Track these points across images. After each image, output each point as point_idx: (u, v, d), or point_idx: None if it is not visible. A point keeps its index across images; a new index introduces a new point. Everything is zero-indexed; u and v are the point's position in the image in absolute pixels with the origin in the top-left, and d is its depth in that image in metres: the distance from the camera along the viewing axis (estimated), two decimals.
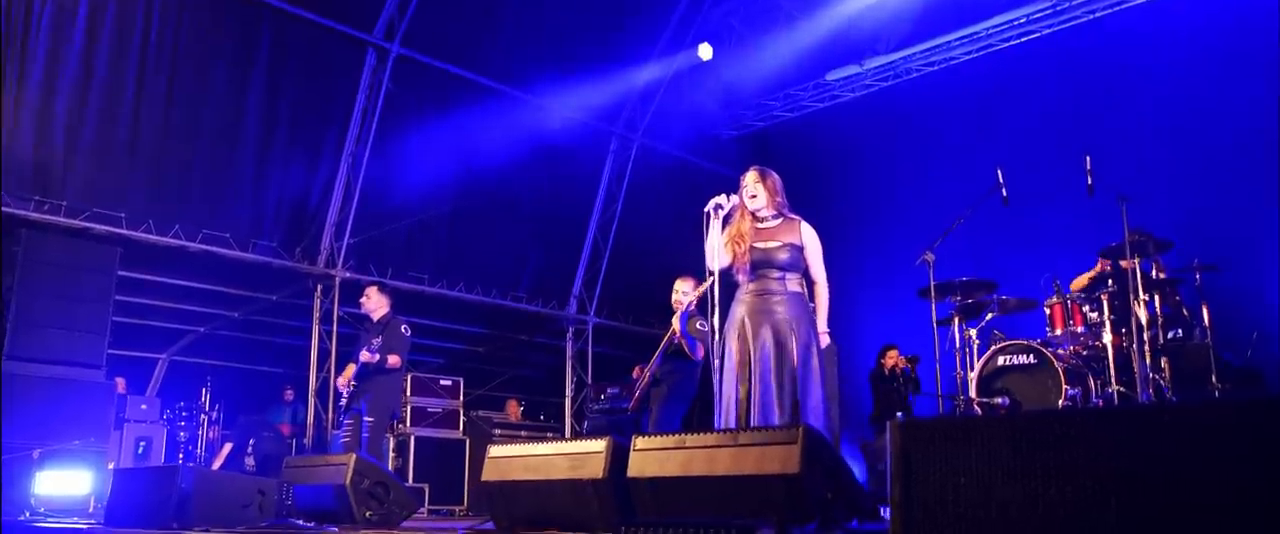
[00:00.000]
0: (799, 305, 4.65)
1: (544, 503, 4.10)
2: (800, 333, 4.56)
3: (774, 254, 4.67)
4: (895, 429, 2.25)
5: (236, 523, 4.40)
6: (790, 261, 4.67)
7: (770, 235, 4.71)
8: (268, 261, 9.26)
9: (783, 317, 4.58)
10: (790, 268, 4.67)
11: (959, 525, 2.13)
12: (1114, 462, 1.98)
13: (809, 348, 4.57)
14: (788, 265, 4.66)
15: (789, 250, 4.67)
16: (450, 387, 10.05)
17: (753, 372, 4.58)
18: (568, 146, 11.10)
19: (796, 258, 4.68)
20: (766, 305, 4.63)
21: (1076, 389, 6.16)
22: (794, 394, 4.52)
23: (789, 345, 4.53)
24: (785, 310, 4.59)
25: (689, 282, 6.69)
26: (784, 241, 4.68)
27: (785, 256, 4.66)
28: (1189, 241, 6.66)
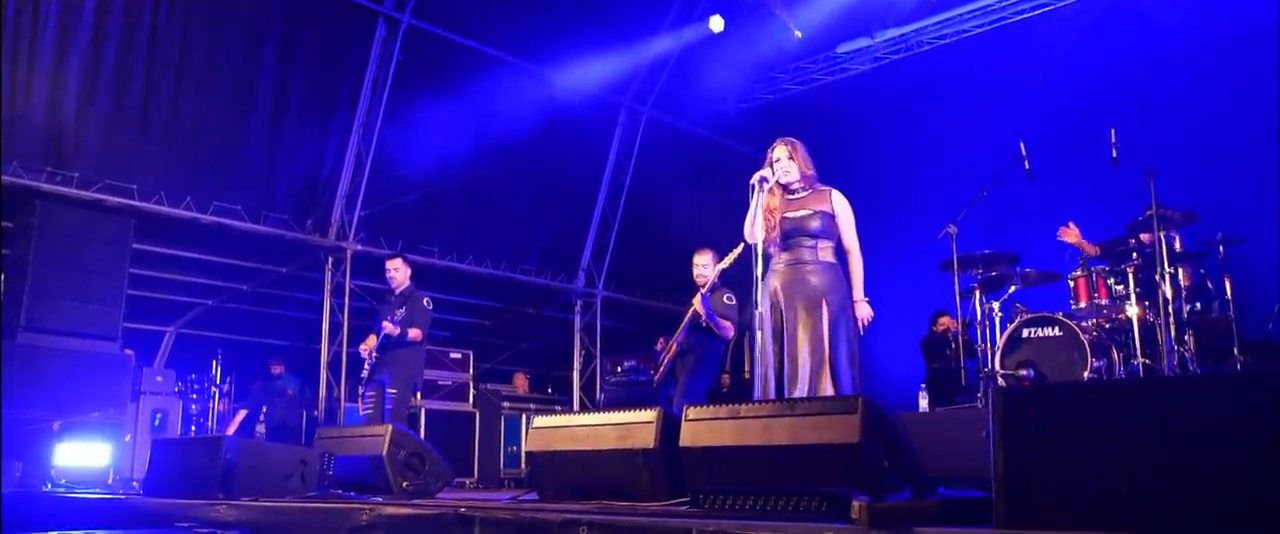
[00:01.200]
0: (832, 274, 4.63)
1: (590, 473, 4.10)
2: (833, 302, 4.54)
3: (805, 223, 4.64)
4: (998, 397, 2.25)
5: (281, 493, 4.39)
6: (822, 230, 4.64)
7: (801, 204, 4.70)
8: (279, 234, 9.21)
9: (816, 285, 4.56)
10: (822, 236, 4.64)
11: (1063, 494, 2.13)
12: (1234, 429, 1.98)
13: (839, 318, 4.55)
14: (819, 233, 4.64)
15: (820, 218, 4.65)
16: (460, 360, 10.07)
17: (785, 344, 4.57)
18: (577, 119, 11.05)
19: (828, 226, 4.66)
20: (799, 275, 4.61)
21: (1101, 361, 6.18)
22: (825, 364, 4.52)
23: (821, 314, 4.52)
24: (818, 279, 4.58)
25: (707, 254, 6.65)
26: (815, 210, 4.66)
27: (817, 225, 4.64)
28: (1211, 214, 6.66)
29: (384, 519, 3.28)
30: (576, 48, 10.57)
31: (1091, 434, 2.17)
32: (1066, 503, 2.18)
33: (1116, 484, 2.14)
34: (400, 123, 9.72)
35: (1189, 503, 2.05)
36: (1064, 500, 2.19)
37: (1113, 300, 6.38)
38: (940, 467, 4.00)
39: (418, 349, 7.14)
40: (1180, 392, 2.35)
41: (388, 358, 6.97)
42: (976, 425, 4.80)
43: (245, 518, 3.71)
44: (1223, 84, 7.99)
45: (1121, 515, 2.10)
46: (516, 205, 10.91)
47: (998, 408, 2.25)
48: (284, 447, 5.14)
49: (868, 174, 9.69)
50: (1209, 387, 2.52)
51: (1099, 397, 2.35)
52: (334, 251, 9.57)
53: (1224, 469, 2.04)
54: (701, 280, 6.55)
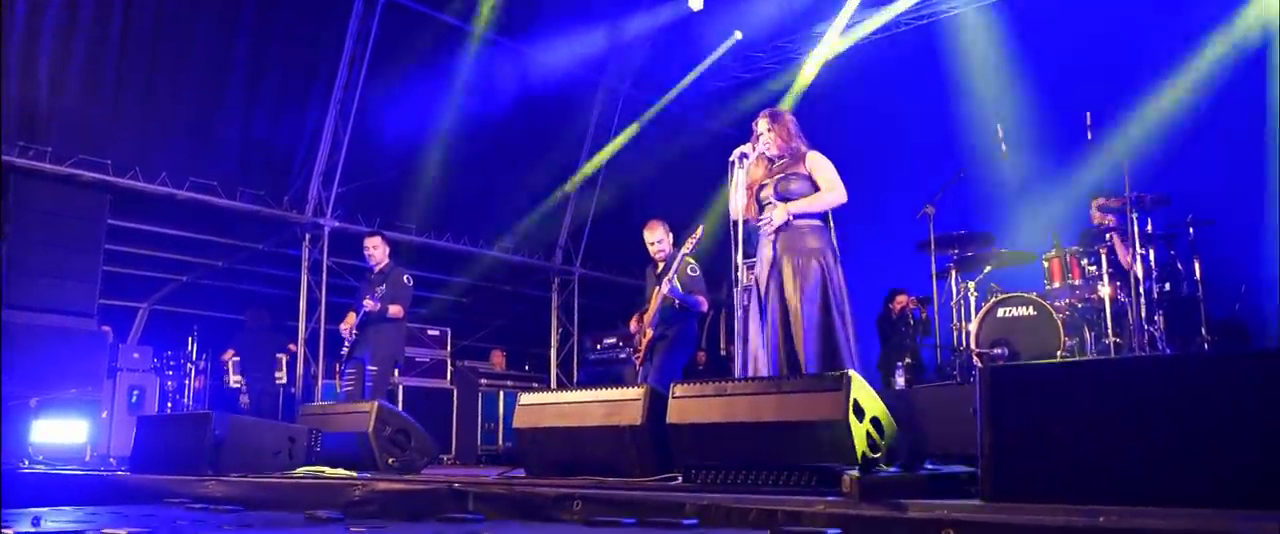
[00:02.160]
0: (816, 238, 4.66)
1: (578, 449, 4.15)
2: (822, 263, 4.56)
3: (784, 187, 4.68)
4: (985, 375, 2.32)
5: (270, 468, 4.41)
6: (800, 192, 4.67)
7: (781, 171, 4.74)
8: (255, 210, 9.16)
9: (802, 250, 4.59)
10: (797, 197, 4.68)
11: (1048, 470, 2.21)
12: (1209, 406, 2.06)
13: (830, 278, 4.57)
14: (794, 195, 4.67)
15: (798, 180, 4.67)
16: (438, 337, 10.09)
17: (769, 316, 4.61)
18: (555, 96, 11.03)
19: (804, 188, 4.67)
20: (783, 242, 4.65)
21: (1074, 340, 6.32)
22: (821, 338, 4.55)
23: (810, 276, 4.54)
24: (802, 243, 4.61)
25: (659, 229, 6.62)
26: (792, 173, 4.70)
27: (795, 187, 4.66)
28: (1183, 197, 6.80)
29: (377, 495, 3.31)
30: (555, 25, 10.53)
31: (1072, 411, 2.25)
32: (1048, 476, 2.27)
33: (1095, 457, 2.22)
34: (377, 99, 9.66)
35: (1163, 474, 2.14)
36: (1046, 473, 2.27)
37: (1085, 280, 6.50)
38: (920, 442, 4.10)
39: (398, 326, 7.15)
40: (1155, 370, 2.44)
41: (368, 335, 6.98)
42: (953, 402, 4.91)
43: (235, 494, 3.73)
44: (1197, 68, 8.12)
45: (1100, 487, 2.18)
46: (494, 182, 10.89)
47: (984, 386, 2.33)
48: (272, 423, 5.16)
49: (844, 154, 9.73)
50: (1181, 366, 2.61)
51: (1079, 375, 2.43)
52: (311, 228, 9.53)
53: (1194, 442, 2.12)
54: (660, 255, 6.54)
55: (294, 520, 2.75)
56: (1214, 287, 6.87)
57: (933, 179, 7.28)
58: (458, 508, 3.14)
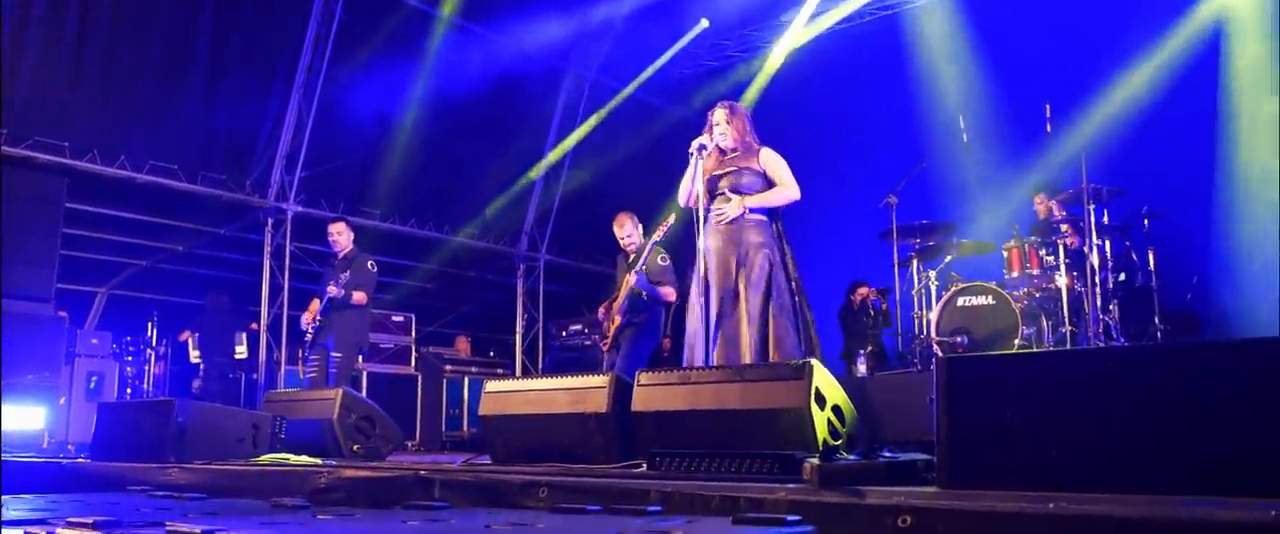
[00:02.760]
0: (761, 232, 4.72)
1: (543, 436, 4.17)
2: (764, 257, 4.63)
3: (733, 180, 4.73)
4: (942, 365, 2.38)
5: (234, 455, 4.39)
6: (748, 186, 4.73)
7: (732, 164, 4.80)
8: (216, 194, 9.06)
9: (746, 243, 4.66)
10: (748, 192, 4.73)
11: (1003, 458, 2.27)
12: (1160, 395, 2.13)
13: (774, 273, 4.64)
14: (746, 190, 4.72)
15: (748, 175, 4.73)
16: (402, 323, 10.05)
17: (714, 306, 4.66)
18: (521, 82, 10.99)
19: (754, 182, 4.73)
20: (727, 235, 4.70)
21: (1031, 329, 6.44)
22: (760, 329, 4.62)
23: (752, 271, 4.61)
24: (747, 237, 4.67)
25: (627, 222, 6.70)
26: (743, 168, 4.75)
27: (747, 182, 4.72)
28: (1139, 188, 6.95)
29: (342, 482, 3.32)
30: (522, 10, 10.48)
31: (1028, 400, 2.31)
32: (1004, 464, 2.33)
33: (1049, 446, 2.29)
34: (342, 84, 9.57)
35: (1114, 462, 2.20)
36: (1002, 461, 2.33)
37: (1043, 270, 6.62)
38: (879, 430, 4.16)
39: (362, 312, 7.13)
40: (1108, 361, 2.51)
41: (332, 321, 6.95)
42: (912, 390, 5.00)
43: (198, 481, 3.72)
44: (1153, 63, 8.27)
45: (1054, 475, 2.25)
46: (460, 168, 10.85)
47: (942, 375, 2.38)
48: (235, 410, 5.13)
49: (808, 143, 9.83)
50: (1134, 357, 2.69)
51: (1034, 366, 2.50)
52: (273, 213, 9.45)
53: (1145, 431, 2.19)
54: (630, 247, 6.60)
55: (259, 508, 2.76)
56: (1167, 277, 7.03)
57: (896, 169, 7.37)
58: (424, 495, 3.15)
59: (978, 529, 2.04)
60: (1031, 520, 1.98)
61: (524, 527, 2.09)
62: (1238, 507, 1.84)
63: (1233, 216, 7.91)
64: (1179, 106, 8.05)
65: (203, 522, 2.05)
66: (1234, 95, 7.88)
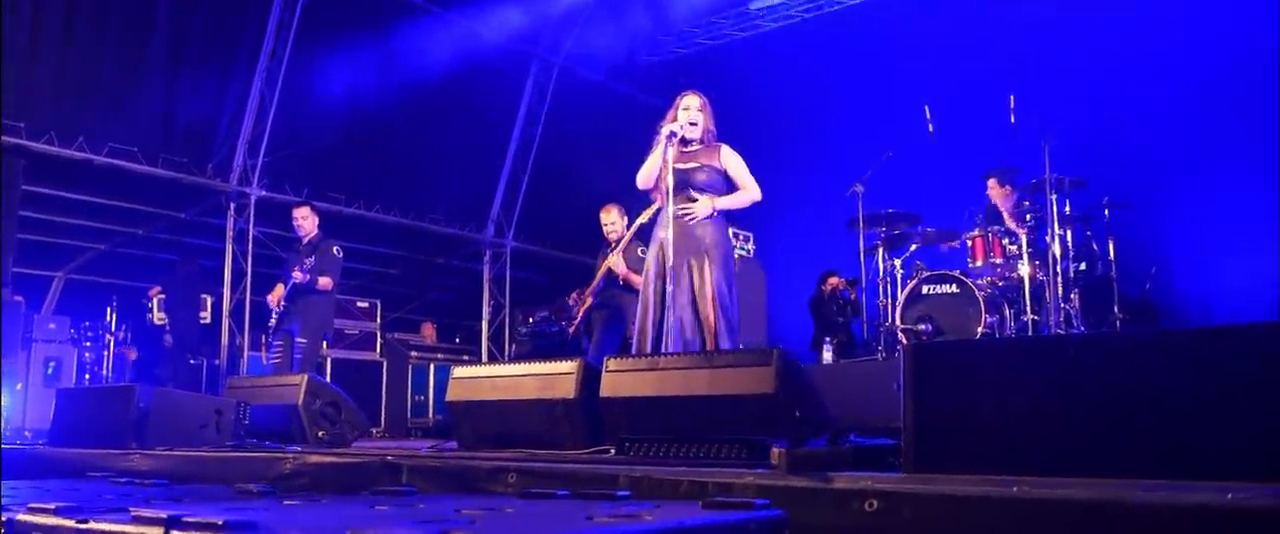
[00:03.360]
0: (717, 229, 4.75)
1: (511, 423, 4.17)
2: (716, 256, 4.66)
3: (693, 176, 4.74)
4: (908, 352, 2.40)
5: (196, 442, 4.34)
6: (708, 183, 4.74)
7: (693, 158, 4.80)
8: (177, 177, 8.92)
9: (700, 239, 4.68)
10: (708, 189, 4.74)
11: (968, 443, 2.31)
12: (1120, 383, 2.17)
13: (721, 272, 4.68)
14: (705, 187, 4.74)
15: (707, 172, 4.74)
16: (367, 309, 9.97)
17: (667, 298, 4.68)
18: (488, 68, 10.92)
19: (714, 179, 4.75)
20: (684, 230, 4.72)
21: (994, 317, 6.52)
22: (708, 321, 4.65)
23: (704, 267, 4.64)
24: (703, 234, 4.69)
25: (613, 211, 6.75)
26: (704, 164, 4.76)
27: (703, 178, 4.73)
28: (1099, 179, 7.05)
29: (308, 467, 3.29)
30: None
31: (991, 386, 2.35)
32: (968, 448, 2.36)
33: (1012, 431, 2.32)
34: (307, 67, 9.46)
35: (1074, 446, 2.24)
36: (966, 446, 2.37)
37: (1006, 259, 6.71)
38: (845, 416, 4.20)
39: (328, 298, 7.07)
40: (1068, 348, 2.56)
41: (297, 307, 6.88)
42: (876, 377, 5.05)
43: (161, 467, 3.67)
44: (1114, 55, 8.38)
45: (1016, 459, 2.28)
46: (426, 154, 10.77)
47: (908, 362, 2.41)
48: (198, 396, 5.07)
49: (775, 132, 9.89)
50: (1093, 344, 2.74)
51: (998, 352, 2.54)
52: (236, 197, 9.33)
53: (1103, 416, 2.24)
54: (613, 236, 6.64)
55: (224, 493, 2.73)
56: (1126, 267, 7.15)
57: (862, 158, 7.43)
58: (391, 481, 3.14)
59: (942, 512, 2.08)
60: (995, 504, 2.02)
61: (494, 511, 2.09)
62: (1194, 490, 1.88)
63: (1189, 208, 8.07)
64: (1141, 98, 8.18)
65: (167, 507, 2.02)
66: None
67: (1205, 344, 2.20)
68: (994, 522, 2.02)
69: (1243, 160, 7.88)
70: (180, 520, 1.74)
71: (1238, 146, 7.90)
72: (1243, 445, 2.06)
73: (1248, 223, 7.69)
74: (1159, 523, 1.83)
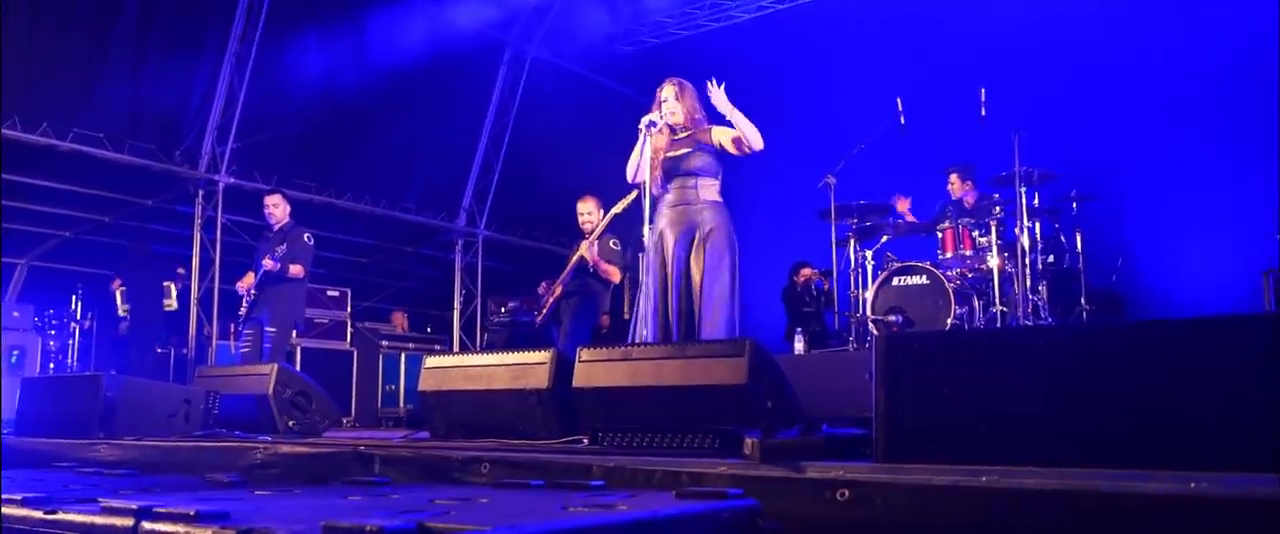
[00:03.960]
0: (717, 212, 4.73)
1: (484, 412, 4.17)
2: (718, 241, 4.65)
3: (688, 162, 4.72)
4: (880, 342, 2.43)
5: (165, 432, 4.30)
6: (703, 168, 4.71)
7: (684, 144, 4.78)
8: (144, 164, 8.81)
9: (700, 225, 4.67)
10: (704, 174, 4.71)
11: (938, 433, 2.34)
12: (1087, 373, 2.20)
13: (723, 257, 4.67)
14: (701, 171, 4.71)
15: (702, 156, 4.70)
16: (337, 298, 9.92)
17: (669, 289, 4.69)
18: (461, 55, 10.83)
19: (709, 163, 4.72)
20: (684, 215, 4.71)
21: (964, 308, 6.59)
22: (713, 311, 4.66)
23: (706, 253, 4.63)
24: (702, 219, 4.68)
25: (591, 202, 6.75)
26: (697, 148, 4.73)
27: (699, 163, 4.70)
28: (1067, 172, 7.14)
29: (280, 458, 3.28)
30: None
31: (962, 376, 2.38)
32: (938, 438, 2.39)
33: (984, 421, 2.35)
34: (277, 53, 9.34)
35: (1042, 436, 2.28)
36: (936, 436, 2.39)
37: (976, 251, 6.78)
38: (816, 406, 4.23)
39: (299, 286, 7.02)
40: (1039, 339, 2.59)
41: (267, 295, 6.83)
42: (848, 367, 5.09)
43: (129, 458, 3.64)
44: (1085, 50, 8.47)
45: (989, 449, 2.31)
46: (398, 142, 10.69)
47: (880, 352, 2.43)
48: (167, 385, 5.02)
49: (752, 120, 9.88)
50: (1061, 335, 2.78)
51: (969, 343, 2.57)
52: (204, 184, 9.22)
53: (1070, 406, 2.27)
54: (588, 227, 6.65)
55: (194, 484, 2.71)
56: (1093, 259, 7.26)
57: (834, 150, 7.47)
58: (363, 471, 3.13)
59: (913, 502, 2.10)
60: (964, 493, 2.05)
61: (468, 502, 2.09)
62: (1161, 478, 1.92)
63: (1155, 201, 8.18)
64: (1110, 92, 8.28)
65: (137, 497, 2.01)
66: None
67: (1170, 336, 2.24)
68: (963, 511, 2.05)
69: (1208, 153, 8.01)
70: (151, 511, 1.73)
71: (1202, 140, 8.03)
72: (1206, 435, 2.10)
73: (1212, 215, 7.82)
74: (1123, 511, 1.87)
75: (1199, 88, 8.06)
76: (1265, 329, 2.14)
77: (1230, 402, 2.09)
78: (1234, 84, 7.91)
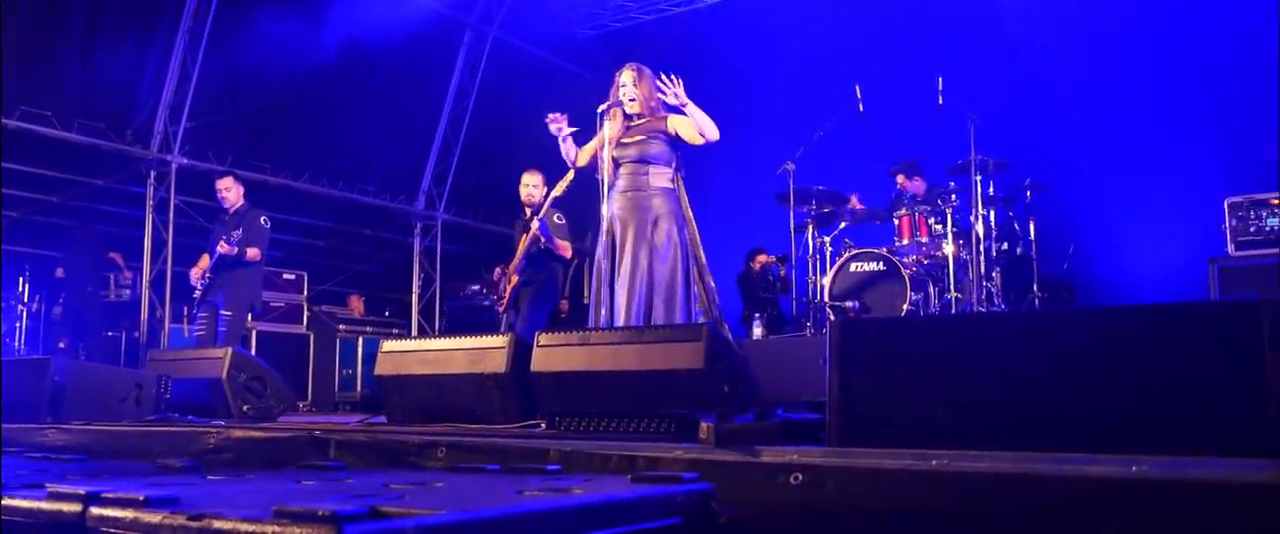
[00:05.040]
0: (668, 200, 4.74)
1: (442, 396, 4.15)
2: (668, 228, 4.66)
3: (641, 148, 4.72)
4: (835, 328, 2.45)
5: (115, 416, 4.24)
6: (656, 155, 4.72)
7: (638, 131, 4.78)
8: (94, 143, 8.63)
9: (651, 211, 4.67)
10: (657, 162, 4.72)
11: (891, 418, 2.37)
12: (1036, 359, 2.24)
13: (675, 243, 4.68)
14: (654, 159, 4.72)
15: (656, 143, 4.70)
16: (294, 281, 9.81)
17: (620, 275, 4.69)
18: (420, 37, 10.72)
19: (662, 151, 4.72)
20: (635, 202, 4.71)
21: (919, 294, 6.67)
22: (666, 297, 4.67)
23: (656, 240, 4.64)
24: (653, 205, 4.68)
25: (538, 175, 6.72)
26: (651, 135, 4.73)
27: (651, 150, 4.71)
28: (1021, 160, 7.24)
29: (233, 442, 3.24)
30: None
31: (914, 363, 2.41)
32: (891, 423, 2.42)
33: (936, 406, 2.39)
34: (232, 31, 9.18)
35: (992, 420, 2.32)
36: (889, 421, 2.43)
37: (932, 238, 6.86)
38: (774, 391, 4.27)
39: (255, 270, 6.94)
40: (991, 325, 2.64)
41: (223, 279, 6.75)
42: (805, 353, 5.14)
43: (79, 443, 3.58)
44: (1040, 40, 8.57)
45: (940, 434, 2.35)
46: (356, 123, 10.55)
47: (834, 338, 2.46)
48: (117, 369, 4.94)
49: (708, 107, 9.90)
50: (1012, 321, 2.82)
51: (922, 329, 2.60)
52: (156, 165, 9.05)
53: (1019, 392, 2.32)
54: (530, 200, 6.62)
55: (145, 469, 2.68)
56: (1046, 246, 7.38)
57: (794, 135, 7.51)
58: (318, 456, 3.11)
59: (864, 485, 2.14)
60: (914, 476, 2.08)
61: (423, 486, 2.09)
62: (1104, 462, 1.96)
63: (1106, 190, 8.33)
64: (1063, 83, 8.40)
65: (85, 483, 1.98)
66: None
67: (1118, 322, 2.29)
68: (914, 494, 2.08)
69: (1158, 144, 8.17)
70: (99, 496, 1.70)
71: (1153, 131, 8.18)
72: (1150, 420, 2.15)
73: (1161, 205, 7.98)
74: (1066, 493, 1.91)
75: (1150, 80, 8.20)
76: (1209, 316, 2.19)
77: (1173, 387, 2.14)
78: (1184, 77, 8.07)
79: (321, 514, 1.41)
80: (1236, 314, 2.12)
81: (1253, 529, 1.77)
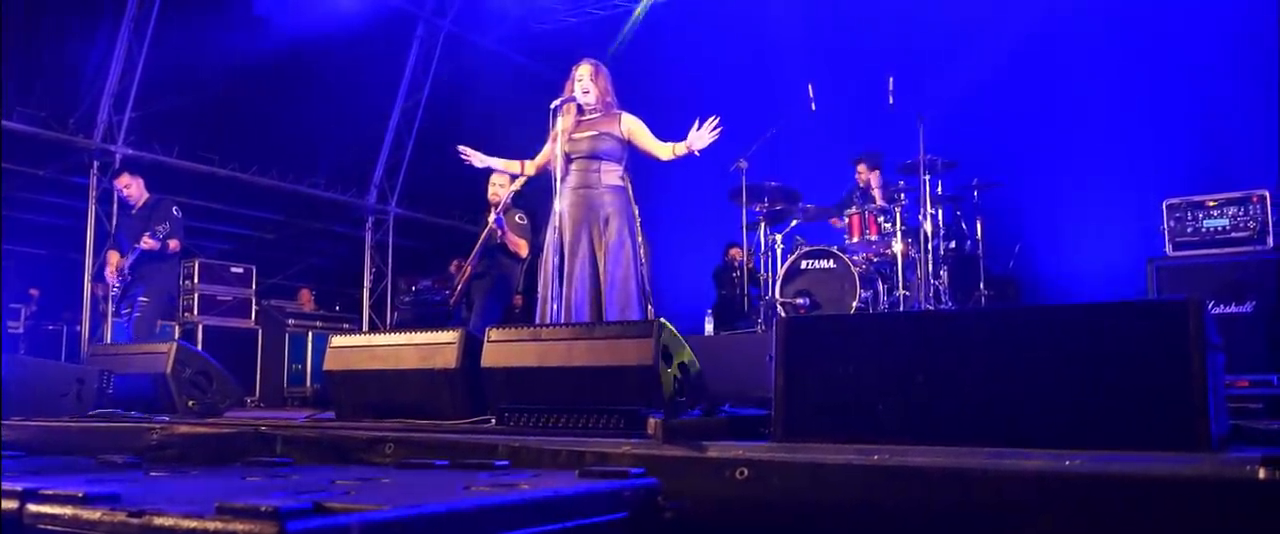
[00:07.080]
0: (618, 197, 4.75)
1: (391, 393, 4.12)
2: (618, 225, 4.67)
3: (592, 144, 4.72)
4: (780, 325, 2.49)
5: (56, 412, 4.15)
6: (608, 152, 4.72)
7: (591, 126, 4.78)
8: (34, 132, 8.43)
9: (601, 208, 4.68)
10: (608, 158, 4.73)
11: (835, 414, 2.41)
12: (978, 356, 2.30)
13: (624, 242, 4.70)
14: (605, 155, 4.72)
15: (608, 140, 4.71)
16: (242, 274, 9.64)
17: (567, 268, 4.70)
18: (373, 28, 10.62)
19: (615, 149, 4.73)
20: (585, 198, 4.71)
21: (869, 292, 6.76)
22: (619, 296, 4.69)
23: (606, 238, 4.66)
24: (603, 202, 4.69)
25: (504, 175, 6.70)
26: (603, 132, 4.74)
27: (603, 147, 4.71)
28: (969, 160, 7.37)
29: (177, 438, 3.20)
30: None
31: (857, 359, 2.46)
32: (834, 419, 2.47)
33: (877, 403, 2.44)
34: (180, 17, 9.02)
35: (932, 417, 2.37)
36: (833, 417, 2.47)
37: (881, 236, 6.95)
38: (723, 386, 4.31)
39: (174, 261, 6.89)
40: (935, 323, 2.69)
41: (143, 272, 6.66)
42: (756, 349, 5.18)
43: (17, 439, 3.50)
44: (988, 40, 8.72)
45: (883, 429, 2.40)
46: (306, 115, 10.42)
47: (780, 334, 2.50)
48: (57, 363, 4.84)
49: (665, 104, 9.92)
50: (958, 319, 2.88)
51: (865, 326, 2.65)
52: (99, 155, 8.87)
53: (968, 387, 2.37)
54: (495, 199, 6.60)
55: (86, 465, 2.64)
56: (992, 245, 7.52)
57: (746, 133, 7.56)
58: (265, 452, 3.08)
59: (807, 479, 2.17)
60: (855, 471, 2.12)
61: (370, 482, 2.08)
62: (1040, 457, 2.02)
63: (1051, 190, 8.51)
64: (1010, 84, 8.55)
65: (24, 479, 1.95)
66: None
67: (1055, 320, 2.35)
68: (855, 488, 2.13)
69: (1100, 146, 8.36)
70: (37, 493, 1.68)
71: (1096, 133, 8.38)
72: (1085, 415, 2.21)
73: (1103, 206, 8.18)
74: (1002, 487, 1.97)
75: (1095, 83, 8.39)
76: (1139, 315, 2.26)
77: (1109, 384, 2.21)
78: (1129, 81, 8.26)
79: (265, 510, 1.41)
80: (1164, 313, 2.19)
81: (1181, 520, 1.84)
